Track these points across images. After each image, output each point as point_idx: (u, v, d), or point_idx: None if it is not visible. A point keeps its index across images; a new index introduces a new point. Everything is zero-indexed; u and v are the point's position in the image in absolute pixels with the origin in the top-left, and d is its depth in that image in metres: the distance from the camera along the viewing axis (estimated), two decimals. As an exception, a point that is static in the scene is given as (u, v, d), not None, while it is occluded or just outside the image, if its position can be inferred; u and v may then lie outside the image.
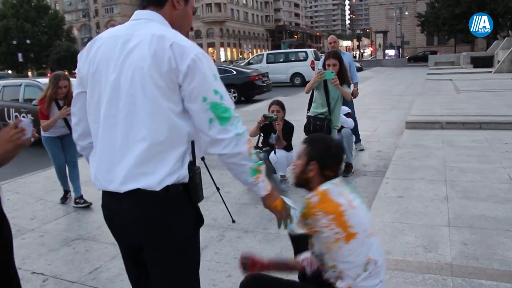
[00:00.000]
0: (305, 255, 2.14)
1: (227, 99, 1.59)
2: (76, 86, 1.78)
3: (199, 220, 1.74)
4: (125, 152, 1.57)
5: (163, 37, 1.54)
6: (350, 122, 5.86)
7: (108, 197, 1.67)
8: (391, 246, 3.34)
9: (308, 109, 5.34)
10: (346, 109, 5.93)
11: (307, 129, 5.15)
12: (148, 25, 1.62)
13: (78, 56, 1.76)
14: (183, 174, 1.60)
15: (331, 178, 1.92)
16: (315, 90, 5.12)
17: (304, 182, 2.00)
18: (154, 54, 1.52)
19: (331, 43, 6.85)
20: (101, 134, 1.63)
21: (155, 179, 1.55)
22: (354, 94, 7.17)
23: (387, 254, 3.21)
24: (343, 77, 4.99)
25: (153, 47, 1.53)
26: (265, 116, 4.97)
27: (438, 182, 4.83)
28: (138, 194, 1.56)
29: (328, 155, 1.93)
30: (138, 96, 1.54)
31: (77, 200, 5.02)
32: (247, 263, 2.09)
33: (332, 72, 4.79)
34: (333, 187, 1.89)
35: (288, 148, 5.22)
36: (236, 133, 1.57)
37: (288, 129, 5.24)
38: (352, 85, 7.02)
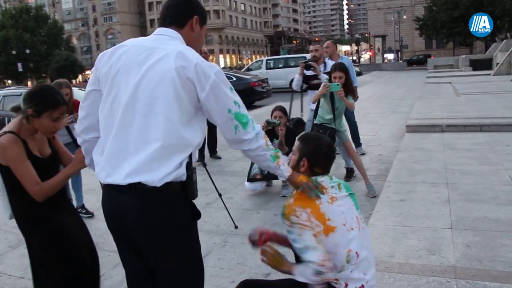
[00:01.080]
0: None
1: (243, 106, 1.88)
2: (91, 83, 1.93)
3: (196, 213, 1.87)
4: (137, 149, 1.73)
5: (189, 56, 1.76)
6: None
7: (110, 190, 1.79)
8: (394, 249, 3.35)
9: (314, 116, 5.36)
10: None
11: None
12: (172, 42, 1.84)
13: (99, 57, 1.91)
14: (181, 173, 1.76)
15: (319, 174, 2.05)
16: (321, 97, 5.15)
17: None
18: (181, 69, 1.73)
19: (325, 47, 6.94)
20: (116, 131, 1.77)
21: (157, 175, 1.70)
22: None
23: (390, 257, 3.22)
24: (348, 89, 5.05)
25: (179, 62, 1.73)
26: (268, 122, 4.99)
27: (440, 185, 4.84)
28: (139, 188, 1.70)
29: (318, 153, 2.06)
30: (159, 101, 1.72)
31: (79, 210, 5.01)
32: (255, 238, 2.21)
33: (338, 84, 4.86)
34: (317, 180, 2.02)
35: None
36: (255, 133, 1.87)
37: (291, 135, 5.25)
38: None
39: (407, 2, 70.42)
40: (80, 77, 74.28)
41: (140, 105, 1.74)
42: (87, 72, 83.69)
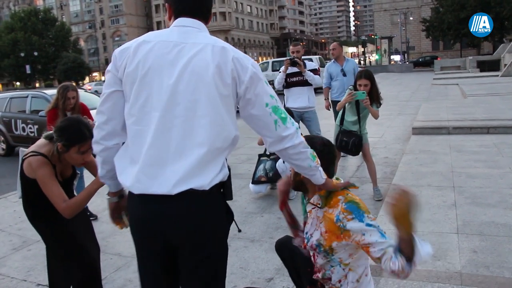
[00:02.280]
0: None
1: (279, 100, 1.77)
2: (111, 84, 1.74)
3: (230, 214, 1.82)
4: (180, 156, 1.62)
5: (225, 49, 1.66)
6: (317, 79, 5.91)
7: (149, 200, 1.64)
8: (399, 254, 3.29)
9: (339, 120, 5.21)
10: (313, 65, 6.11)
11: (336, 140, 5.08)
12: (200, 34, 1.71)
13: (118, 54, 1.73)
14: (225, 173, 1.71)
15: None
16: (346, 104, 5.05)
17: (298, 184, 2.07)
18: (218, 65, 1.63)
19: (332, 50, 6.98)
20: (153, 139, 1.64)
21: (207, 179, 1.63)
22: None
23: (395, 263, 3.16)
24: (374, 96, 4.91)
25: (216, 58, 1.63)
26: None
27: (446, 188, 4.78)
28: (189, 194, 1.61)
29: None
30: (201, 103, 1.62)
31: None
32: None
33: (363, 93, 4.74)
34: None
35: None
36: (296, 128, 1.75)
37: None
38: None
39: (413, 4, 70.21)
40: (87, 78, 74.69)
41: (180, 109, 1.62)
42: (94, 74, 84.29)
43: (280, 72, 6.00)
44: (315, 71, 5.96)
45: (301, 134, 1.80)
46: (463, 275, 2.93)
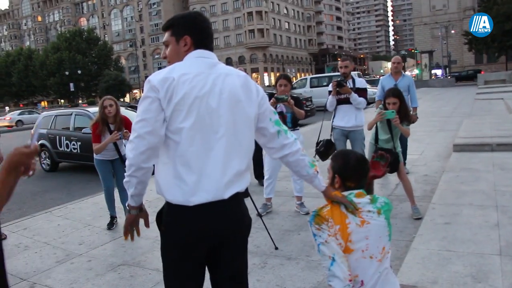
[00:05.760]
0: None
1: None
2: (154, 110, 1.88)
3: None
4: (226, 167, 1.92)
5: (246, 76, 2.07)
6: (362, 103, 5.67)
7: (204, 208, 1.90)
8: (437, 275, 3.23)
9: (373, 138, 5.21)
10: (363, 83, 5.87)
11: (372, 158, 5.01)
12: (221, 65, 2.04)
13: (158, 84, 1.88)
14: (249, 175, 2.09)
15: (352, 188, 2.09)
16: (378, 123, 5.05)
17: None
18: (247, 92, 2.00)
19: (395, 63, 6.92)
20: (204, 154, 1.90)
21: (246, 182, 2.03)
22: (413, 120, 6.98)
23: (433, 284, 3.11)
24: (403, 114, 4.88)
25: (240, 81, 2.01)
26: (277, 98, 5.03)
27: (488, 208, 4.64)
28: (236, 196, 1.97)
29: (347, 168, 2.11)
30: (239, 124, 1.96)
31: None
32: None
33: (393, 112, 4.73)
34: (351, 197, 2.04)
35: (296, 125, 5.54)
36: (294, 138, 2.14)
37: (297, 101, 5.45)
38: (411, 110, 6.85)
39: (455, 16, 68.82)
40: (127, 95, 76.93)
41: (223, 129, 1.92)
42: (135, 91, 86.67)
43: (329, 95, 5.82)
44: (363, 92, 5.70)
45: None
46: (505, 299, 2.85)
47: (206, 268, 2.09)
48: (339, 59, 6.26)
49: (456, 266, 3.36)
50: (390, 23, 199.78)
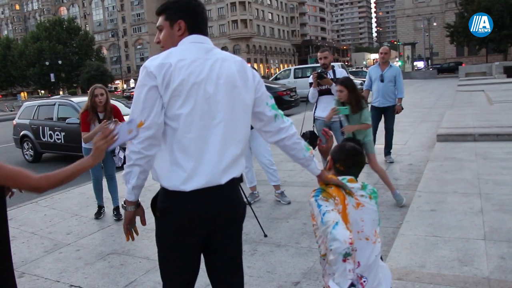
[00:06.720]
0: None
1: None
2: (154, 97, 1.85)
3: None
4: (223, 153, 1.92)
5: (242, 61, 2.05)
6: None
7: (202, 193, 1.90)
8: (425, 259, 3.31)
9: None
10: (343, 73, 5.91)
11: None
12: (216, 50, 2.01)
13: (155, 69, 1.84)
14: (244, 164, 2.12)
15: (342, 172, 2.14)
16: (341, 116, 5.10)
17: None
18: (243, 77, 1.99)
19: (382, 53, 6.98)
20: (201, 140, 1.89)
21: (241, 168, 2.05)
22: (398, 110, 7.08)
23: (421, 267, 3.19)
24: (353, 103, 4.83)
25: (237, 66, 1.99)
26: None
27: (472, 195, 4.75)
28: (232, 182, 1.98)
29: (341, 151, 2.19)
30: (237, 109, 1.96)
31: (115, 213, 5.21)
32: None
33: (346, 108, 4.75)
34: (344, 182, 2.08)
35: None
36: (290, 122, 2.16)
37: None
38: (396, 100, 7.01)
39: (437, 9, 69.44)
40: (109, 86, 75.91)
41: (221, 115, 1.91)
42: (117, 81, 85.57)
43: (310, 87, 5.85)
44: None
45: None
46: (491, 281, 2.93)
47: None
48: None
49: (443, 250, 3.44)
50: (373, 14, 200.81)
